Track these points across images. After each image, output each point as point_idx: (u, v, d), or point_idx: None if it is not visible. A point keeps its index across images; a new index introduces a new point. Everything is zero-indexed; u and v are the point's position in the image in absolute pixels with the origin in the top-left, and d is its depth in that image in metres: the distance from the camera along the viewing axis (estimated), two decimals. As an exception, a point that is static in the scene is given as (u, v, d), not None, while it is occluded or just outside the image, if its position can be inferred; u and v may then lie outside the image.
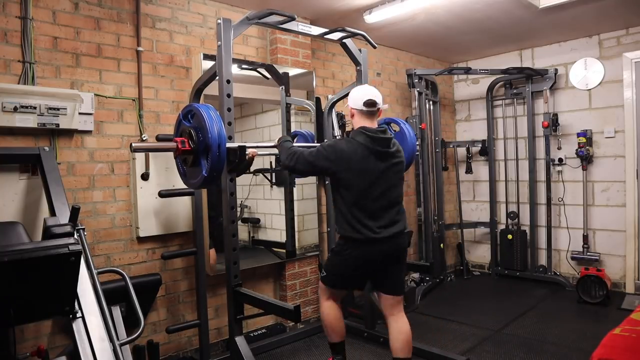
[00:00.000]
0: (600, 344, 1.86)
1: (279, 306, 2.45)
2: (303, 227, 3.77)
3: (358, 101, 2.37)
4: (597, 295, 4.02)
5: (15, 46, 2.46)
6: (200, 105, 2.19)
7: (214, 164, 2.12)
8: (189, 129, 2.20)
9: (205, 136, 2.11)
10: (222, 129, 2.13)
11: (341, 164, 2.28)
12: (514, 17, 3.90)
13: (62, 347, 2.56)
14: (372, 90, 2.42)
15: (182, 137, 2.23)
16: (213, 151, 2.09)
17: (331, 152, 2.29)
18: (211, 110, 2.16)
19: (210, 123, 2.10)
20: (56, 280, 1.46)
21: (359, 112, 2.40)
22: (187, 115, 2.27)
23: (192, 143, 2.18)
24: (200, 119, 2.15)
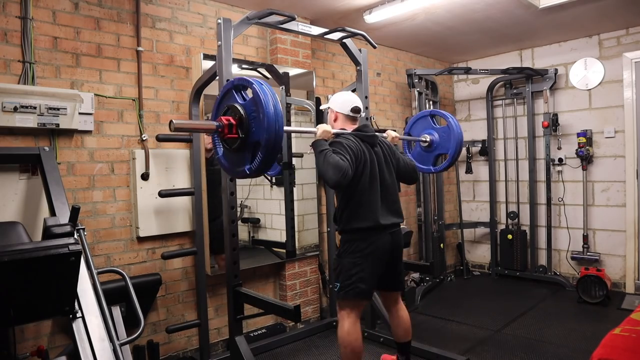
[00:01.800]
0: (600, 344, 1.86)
1: (279, 306, 2.45)
2: (303, 227, 3.77)
3: (345, 106, 2.51)
4: (597, 295, 4.02)
5: (15, 46, 2.46)
6: (262, 84, 1.75)
7: (263, 164, 1.77)
8: (241, 111, 1.79)
9: (260, 131, 1.72)
10: (282, 124, 1.75)
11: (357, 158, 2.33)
12: (514, 17, 3.90)
13: (62, 347, 2.56)
14: (356, 97, 2.58)
15: (229, 115, 1.82)
16: (266, 151, 1.73)
17: (351, 147, 2.30)
18: (272, 95, 1.75)
19: (271, 116, 1.69)
20: (56, 280, 1.46)
21: (344, 116, 2.52)
22: (240, 87, 1.85)
23: (240, 131, 1.79)
24: (258, 105, 1.72)
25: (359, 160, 2.31)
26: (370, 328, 3.43)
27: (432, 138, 3.11)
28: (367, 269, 2.35)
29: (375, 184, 2.39)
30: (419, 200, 4.84)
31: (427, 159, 3.18)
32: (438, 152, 3.12)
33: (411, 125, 3.24)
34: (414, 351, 2.98)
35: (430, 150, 3.13)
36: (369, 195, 2.36)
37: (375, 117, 4.57)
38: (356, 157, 2.29)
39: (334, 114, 2.55)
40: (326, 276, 3.86)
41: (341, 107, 2.51)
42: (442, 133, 3.08)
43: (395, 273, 2.56)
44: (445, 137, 3.06)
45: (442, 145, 3.08)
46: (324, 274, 3.89)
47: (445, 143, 3.06)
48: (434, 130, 3.14)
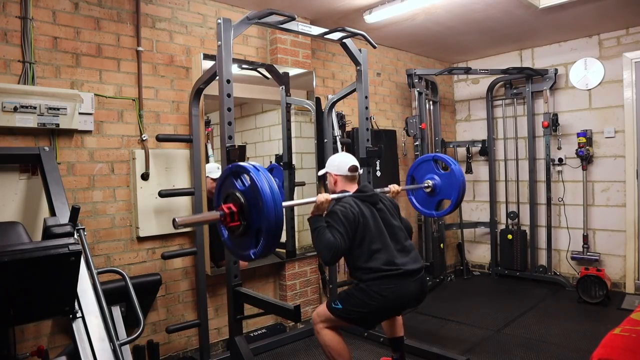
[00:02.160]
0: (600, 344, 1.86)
1: (279, 306, 2.45)
2: (303, 227, 3.77)
3: (342, 168, 2.55)
4: (597, 295, 4.02)
5: (15, 46, 2.46)
6: (259, 174, 1.78)
7: (266, 249, 1.80)
8: (240, 197, 1.82)
9: (261, 219, 1.76)
10: (281, 210, 1.77)
11: (356, 223, 2.34)
12: (514, 17, 3.90)
13: (62, 347, 2.56)
14: (351, 156, 2.61)
15: (229, 202, 1.86)
16: (268, 237, 1.76)
17: (346, 216, 2.31)
18: (270, 183, 1.77)
19: (269, 205, 1.72)
20: (56, 280, 1.46)
21: (343, 178, 2.56)
22: (237, 174, 1.89)
23: (242, 218, 1.83)
24: (255, 192, 1.76)
25: (358, 225, 2.32)
26: (370, 328, 3.42)
27: (435, 183, 3.14)
28: (378, 317, 2.37)
29: (384, 236, 2.38)
30: (419, 200, 4.83)
31: (430, 203, 3.21)
32: (441, 197, 3.15)
33: (414, 168, 3.29)
34: (414, 351, 2.99)
35: (433, 195, 3.17)
36: (380, 245, 2.33)
37: (375, 117, 4.57)
38: (354, 223, 2.31)
39: (334, 178, 2.58)
40: (326, 276, 3.86)
41: (339, 169, 2.55)
42: (445, 178, 3.11)
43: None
44: (448, 183, 3.08)
45: (444, 191, 3.10)
46: (324, 274, 3.89)
47: (447, 189, 3.08)
48: (437, 175, 3.17)
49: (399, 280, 2.28)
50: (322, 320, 2.40)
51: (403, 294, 2.30)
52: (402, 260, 2.34)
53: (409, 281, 2.32)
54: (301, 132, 3.82)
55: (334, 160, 2.62)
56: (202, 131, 3.03)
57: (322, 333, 2.40)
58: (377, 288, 2.26)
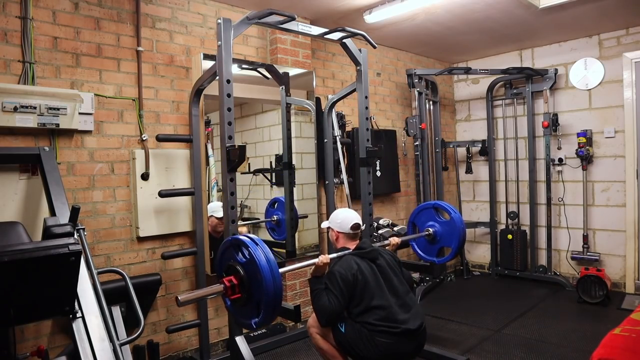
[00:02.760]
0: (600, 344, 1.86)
1: (279, 306, 2.45)
2: (303, 227, 3.77)
3: (345, 226, 2.57)
4: (597, 295, 4.02)
5: (15, 46, 2.46)
6: (256, 249, 1.89)
7: (266, 319, 1.91)
8: (239, 270, 1.93)
9: (260, 293, 1.86)
10: (279, 282, 1.86)
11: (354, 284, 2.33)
12: (514, 17, 3.90)
13: (62, 347, 2.56)
14: (354, 214, 2.63)
15: (230, 275, 1.97)
16: (267, 309, 1.87)
17: (343, 279, 2.31)
18: (266, 255, 1.88)
19: (267, 278, 1.83)
20: (56, 280, 1.46)
21: (344, 235, 2.58)
22: (236, 246, 2.00)
23: (242, 290, 1.94)
24: (252, 266, 1.88)
25: (356, 284, 2.32)
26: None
27: (435, 230, 3.20)
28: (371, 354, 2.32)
29: (384, 292, 2.37)
30: (419, 200, 4.83)
31: (431, 250, 3.26)
32: (441, 245, 3.20)
33: (415, 215, 3.35)
34: (414, 351, 2.99)
35: (434, 242, 3.22)
36: (379, 301, 2.33)
37: (375, 117, 4.57)
38: (352, 285, 2.31)
39: (335, 234, 2.61)
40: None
41: (341, 227, 2.57)
42: (445, 226, 3.16)
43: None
44: (449, 231, 3.13)
45: (445, 238, 3.16)
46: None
47: (448, 236, 3.14)
48: (437, 222, 3.22)
49: (396, 337, 2.27)
50: (316, 326, 2.43)
51: (396, 351, 2.29)
52: (403, 317, 2.32)
53: (406, 340, 2.31)
54: (301, 132, 3.82)
55: (338, 216, 2.62)
56: (202, 131, 3.03)
57: (317, 337, 2.43)
58: (370, 336, 2.26)
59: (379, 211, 4.52)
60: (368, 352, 2.26)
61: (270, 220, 3.74)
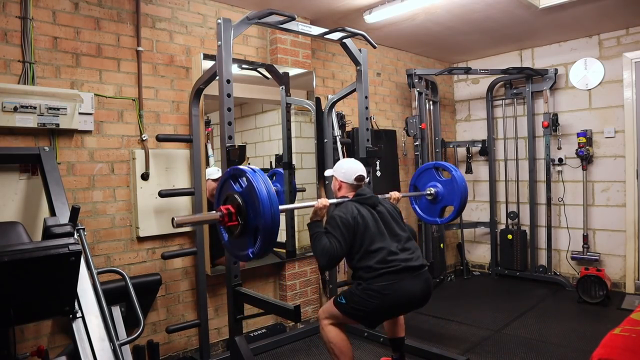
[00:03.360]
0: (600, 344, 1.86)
1: (279, 306, 2.45)
2: (303, 227, 3.77)
3: (349, 176, 2.54)
4: (597, 295, 4.02)
5: (15, 46, 2.46)
6: (252, 174, 1.87)
7: (263, 247, 1.87)
8: (238, 199, 1.90)
9: (257, 217, 1.83)
10: (277, 209, 1.84)
11: (355, 228, 2.34)
12: (514, 17, 3.90)
13: (62, 347, 2.56)
14: (360, 165, 2.61)
15: (228, 204, 1.94)
16: (264, 235, 1.84)
17: (344, 223, 2.31)
18: (264, 181, 1.86)
19: (265, 203, 1.80)
20: (56, 280, 1.46)
21: (347, 185, 2.56)
22: (236, 177, 1.98)
23: (240, 218, 1.90)
24: (252, 192, 1.85)
25: (357, 228, 2.32)
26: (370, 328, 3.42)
27: (437, 190, 3.18)
28: (379, 315, 2.34)
29: (384, 236, 2.38)
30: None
31: (434, 211, 3.25)
32: (444, 204, 3.19)
33: (416, 177, 3.33)
34: (414, 351, 2.99)
35: (435, 202, 3.21)
36: (381, 244, 2.33)
37: (375, 117, 4.57)
38: (353, 228, 2.31)
39: (338, 183, 2.58)
40: (326, 276, 3.86)
41: (345, 177, 2.55)
42: (447, 185, 3.15)
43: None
44: (450, 190, 3.12)
45: (447, 198, 3.15)
46: (324, 274, 3.89)
47: (449, 195, 3.12)
48: (438, 182, 3.21)
49: (398, 275, 2.26)
50: (327, 317, 2.41)
51: (404, 293, 2.28)
52: (403, 256, 2.33)
53: (410, 278, 2.29)
54: (301, 132, 3.82)
55: (342, 166, 2.60)
56: (202, 131, 3.03)
57: (327, 329, 2.40)
58: (377, 287, 2.25)
59: (379, 211, 4.51)
60: (373, 302, 2.25)
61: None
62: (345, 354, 2.36)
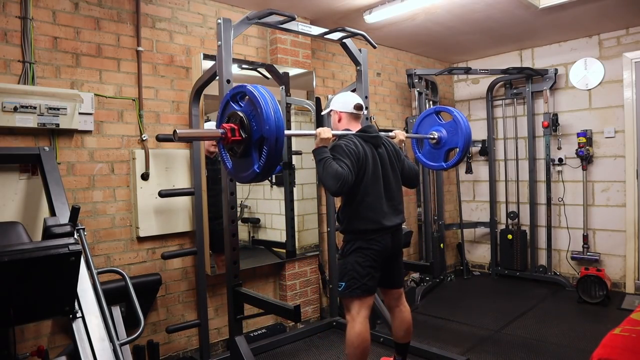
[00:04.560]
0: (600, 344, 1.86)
1: (279, 306, 2.45)
2: (303, 227, 3.77)
3: (348, 105, 2.52)
4: (597, 295, 4.02)
5: (15, 46, 2.46)
6: (254, 86, 1.86)
7: (270, 159, 1.81)
8: (240, 114, 1.87)
9: (261, 126, 1.78)
10: (280, 116, 1.80)
11: (359, 160, 2.32)
12: (514, 17, 3.90)
13: (62, 347, 2.57)
14: (356, 95, 2.60)
15: (231, 123, 1.90)
16: (270, 144, 1.78)
17: (350, 151, 2.29)
18: (266, 92, 1.83)
19: (267, 110, 1.77)
20: (56, 280, 1.46)
21: (348, 115, 2.53)
22: (236, 96, 1.94)
23: (243, 132, 1.85)
24: (254, 104, 1.81)
25: (360, 162, 2.30)
26: (371, 328, 3.42)
27: (440, 134, 3.13)
28: (371, 267, 2.37)
29: (378, 185, 2.39)
30: (419, 200, 4.84)
31: (438, 156, 3.19)
32: (448, 147, 3.13)
33: (418, 125, 3.27)
34: (414, 351, 2.99)
35: (439, 146, 3.15)
36: (372, 197, 2.36)
37: (376, 117, 4.57)
38: (358, 160, 2.28)
39: (338, 115, 2.55)
40: (326, 276, 3.86)
41: (343, 107, 2.52)
42: (450, 128, 3.09)
43: (396, 269, 2.58)
44: (453, 132, 3.07)
45: (450, 140, 3.09)
46: (324, 274, 3.89)
47: (453, 137, 3.07)
48: (441, 126, 3.15)
49: (379, 235, 2.38)
50: (350, 312, 2.40)
51: (382, 247, 2.39)
52: (387, 210, 2.40)
53: (387, 236, 2.41)
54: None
55: (339, 97, 2.57)
56: (202, 131, 3.03)
57: (353, 326, 2.36)
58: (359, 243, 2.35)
59: (379, 211, 4.51)
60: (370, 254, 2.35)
61: None
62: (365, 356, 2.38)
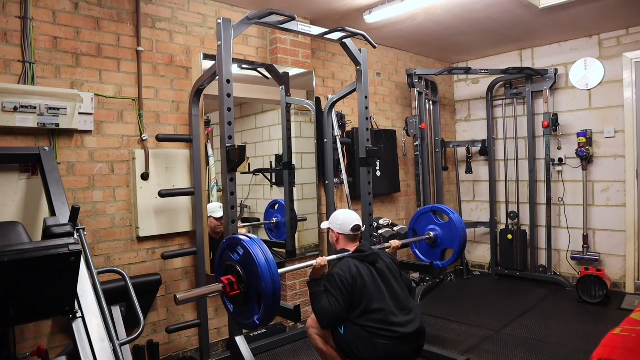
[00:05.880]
0: (600, 344, 1.86)
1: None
2: (303, 227, 3.77)
3: (345, 227, 2.55)
4: (597, 295, 4.02)
5: (15, 46, 2.46)
6: (247, 242, 1.94)
7: (268, 312, 1.90)
8: (237, 266, 1.96)
9: (257, 282, 1.88)
10: (276, 271, 1.89)
11: (354, 287, 2.32)
12: (514, 17, 3.90)
13: (62, 347, 2.57)
14: (355, 215, 2.61)
15: (229, 274, 2.00)
16: (267, 299, 1.87)
17: (343, 282, 2.29)
18: (262, 249, 1.92)
19: (263, 266, 1.86)
20: (56, 280, 1.46)
21: (345, 236, 2.57)
22: (232, 247, 2.04)
23: (241, 286, 1.95)
24: (249, 260, 1.91)
25: (355, 287, 2.30)
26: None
27: (436, 234, 3.22)
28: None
29: (383, 296, 2.35)
30: (419, 200, 4.84)
31: (434, 254, 3.27)
32: (443, 247, 3.21)
33: (415, 221, 3.37)
34: (414, 351, 2.99)
35: (435, 246, 3.24)
36: (378, 304, 2.31)
37: (375, 117, 4.58)
38: (352, 287, 2.29)
39: (335, 235, 2.59)
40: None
41: (341, 228, 2.56)
42: (445, 228, 3.18)
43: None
44: (449, 232, 3.15)
45: (446, 241, 3.18)
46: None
47: (449, 239, 3.16)
48: (437, 225, 3.24)
49: (394, 341, 2.25)
50: (315, 327, 2.40)
51: (395, 354, 2.26)
52: (401, 320, 2.30)
53: (405, 344, 2.29)
54: (301, 132, 3.82)
55: (338, 218, 2.60)
56: (202, 131, 3.03)
57: (316, 339, 2.41)
58: (369, 338, 2.24)
59: (379, 211, 4.52)
60: (367, 354, 2.24)
61: (270, 222, 3.75)
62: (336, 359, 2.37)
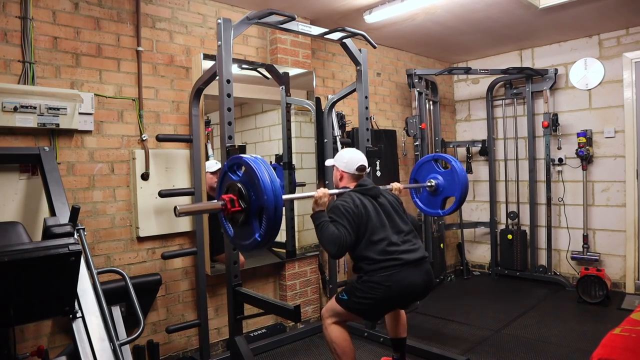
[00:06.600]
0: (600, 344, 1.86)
1: (279, 306, 2.45)
2: (303, 227, 3.77)
3: (351, 166, 2.53)
4: (597, 295, 4.02)
5: (15, 46, 2.46)
6: (250, 158, 1.91)
7: (270, 227, 1.85)
8: (238, 184, 1.93)
9: (259, 196, 1.84)
10: (278, 186, 1.85)
11: (358, 216, 2.33)
12: (514, 17, 3.90)
13: (62, 347, 2.57)
14: (361, 155, 2.60)
15: (229, 193, 1.95)
16: (269, 213, 1.82)
17: (348, 210, 2.30)
18: (262, 163, 1.89)
19: (264, 180, 1.82)
20: (56, 280, 1.46)
21: (349, 175, 2.55)
22: (233, 167, 2.02)
23: (242, 202, 1.91)
24: (251, 174, 1.87)
25: (360, 217, 2.31)
26: (370, 328, 3.43)
27: (438, 182, 3.18)
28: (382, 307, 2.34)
29: (385, 228, 2.36)
30: (419, 200, 4.83)
31: (435, 203, 3.24)
32: (445, 195, 3.18)
33: (416, 170, 3.33)
34: (414, 351, 2.99)
35: (436, 194, 3.20)
36: (381, 235, 2.32)
37: (375, 117, 4.57)
38: (357, 217, 2.30)
39: (340, 173, 2.57)
40: (326, 276, 3.86)
41: (347, 167, 2.53)
42: (447, 176, 3.15)
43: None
44: (450, 180, 3.12)
45: (448, 189, 3.15)
46: (324, 274, 3.89)
47: (450, 186, 3.12)
48: (439, 174, 3.21)
49: (399, 267, 2.26)
50: (331, 315, 2.39)
51: (405, 284, 2.27)
52: (404, 248, 2.32)
53: (412, 270, 2.29)
54: (301, 132, 3.82)
55: (344, 156, 2.58)
56: (202, 131, 3.03)
57: (330, 329, 2.38)
58: (378, 278, 2.25)
59: (379, 211, 4.51)
60: (375, 294, 2.23)
61: None
62: (348, 355, 2.35)
